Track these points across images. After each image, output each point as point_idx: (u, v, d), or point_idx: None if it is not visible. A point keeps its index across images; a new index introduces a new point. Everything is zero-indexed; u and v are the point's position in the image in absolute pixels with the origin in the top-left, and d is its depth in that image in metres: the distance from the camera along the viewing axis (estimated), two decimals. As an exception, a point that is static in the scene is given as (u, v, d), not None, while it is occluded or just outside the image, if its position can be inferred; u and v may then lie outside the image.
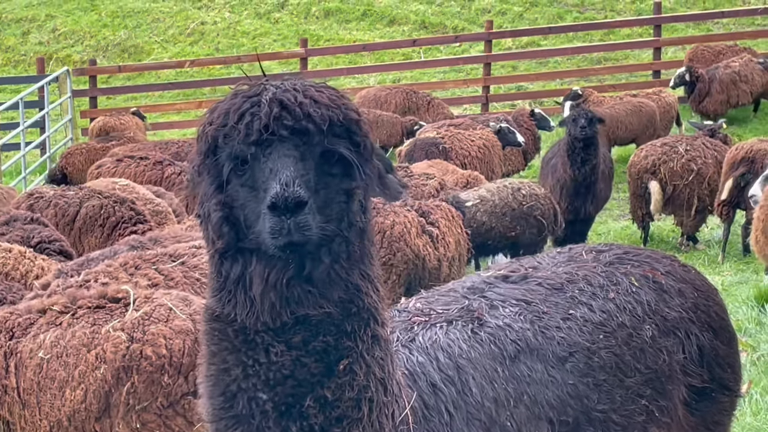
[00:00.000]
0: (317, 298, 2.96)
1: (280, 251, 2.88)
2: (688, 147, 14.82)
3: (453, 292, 3.88)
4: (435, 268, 11.52)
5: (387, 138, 21.47)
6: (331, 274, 2.97)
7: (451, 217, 11.98)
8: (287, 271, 2.92)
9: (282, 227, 2.82)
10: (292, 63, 28.18)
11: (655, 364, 3.88)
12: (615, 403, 3.73)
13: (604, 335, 3.81)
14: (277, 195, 2.80)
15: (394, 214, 11.48)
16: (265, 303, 2.94)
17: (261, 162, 2.91)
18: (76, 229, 12.54)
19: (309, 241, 2.86)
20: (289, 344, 2.99)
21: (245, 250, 2.98)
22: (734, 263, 12.91)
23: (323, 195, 2.93)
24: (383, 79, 27.52)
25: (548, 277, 3.99)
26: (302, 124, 2.92)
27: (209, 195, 3.05)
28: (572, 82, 26.73)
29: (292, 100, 2.94)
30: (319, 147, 2.94)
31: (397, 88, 24.03)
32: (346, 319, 3.03)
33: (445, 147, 16.96)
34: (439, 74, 28.67)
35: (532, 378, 3.58)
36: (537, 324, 3.71)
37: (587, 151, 14.47)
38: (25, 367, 6.16)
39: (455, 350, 3.49)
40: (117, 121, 21.85)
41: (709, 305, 4.19)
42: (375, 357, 3.08)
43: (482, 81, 26.22)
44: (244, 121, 2.95)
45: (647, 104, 19.69)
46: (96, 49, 31.56)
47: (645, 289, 4.04)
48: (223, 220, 2.99)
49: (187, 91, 28.54)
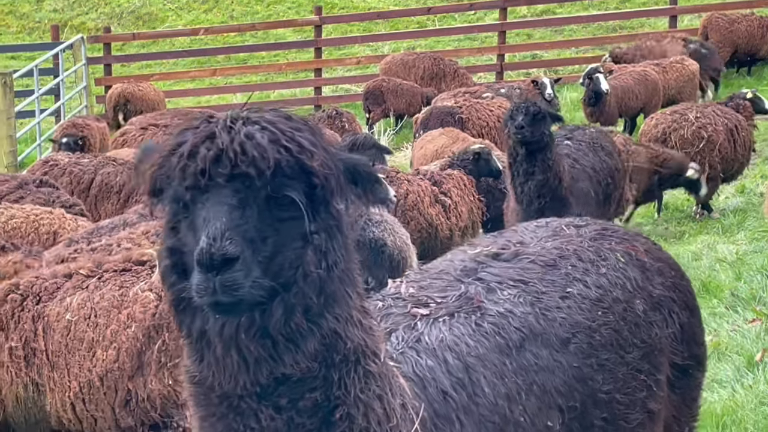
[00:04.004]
0: (288, 354, 2.72)
1: (211, 310, 2.66)
2: (698, 114, 14.76)
3: (445, 274, 3.71)
4: (447, 238, 11.57)
5: (406, 107, 21.50)
6: (292, 327, 2.71)
7: (463, 186, 12.00)
8: (239, 325, 2.67)
9: (207, 286, 2.58)
10: (306, 30, 28.12)
11: (649, 338, 3.84)
12: (618, 381, 3.67)
13: (603, 312, 3.73)
14: (202, 251, 2.55)
15: (407, 183, 11.51)
16: (230, 364, 2.71)
17: (198, 208, 2.67)
18: (92, 196, 12.60)
19: (241, 301, 2.61)
20: (276, 407, 2.78)
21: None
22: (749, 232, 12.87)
23: (272, 243, 2.66)
24: (397, 47, 27.43)
25: (540, 253, 3.86)
26: (242, 169, 2.64)
27: (161, 238, 2.83)
28: (587, 51, 26.64)
29: (231, 141, 2.66)
30: (263, 191, 2.66)
31: (424, 54, 24.10)
32: (330, 370, 2.81)
33: (461, 117, 16.95)
34: (454, 42, 28.57)
35: (539, 366, 3.47)
36: (537, 306, 3.61)
37: (531, 160, 9.91)
38: (53, 330, 6.28)
39: (462, 348, 3.35)
40: (135, 88, 21.85)
41: (684, 284, 4.16)
42: (371, 394, 2.88)
43: (497, 49, 26.12)
44: (180, 165, 2.68)
45: (651, 73, 19.63)
46: (110, 16, 31.55)
47: (630, 265, 3.97)
48: (171, 269, 2.76)
49: (201, 59, 28.52)
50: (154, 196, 2.80)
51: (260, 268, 2.63)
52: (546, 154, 9.90)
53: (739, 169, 14.91)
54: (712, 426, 7.09)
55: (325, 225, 2.76)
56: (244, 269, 2.59)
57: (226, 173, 2.64)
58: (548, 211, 9.64)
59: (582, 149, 10.75)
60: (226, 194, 2.64)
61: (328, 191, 2.75)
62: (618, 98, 18.96)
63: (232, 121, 2.72)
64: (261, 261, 2.64)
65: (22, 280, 6.66)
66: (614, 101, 18.86)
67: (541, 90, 19.34)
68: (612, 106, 18.85)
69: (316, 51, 26.01)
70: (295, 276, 2.70)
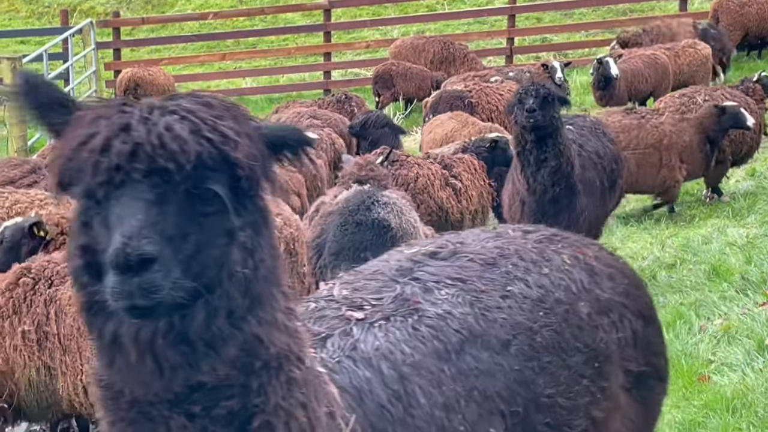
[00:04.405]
0: (206, 361, 2.53)
1: (127, 314, 2.45)
2: (707, 97, 14.71)
3: (380, 274, 3.54)
4: (457, 221, 11.58)
5: (416, 90, 21.50)
6: (213, 332, 2.52)
7: (474, 170, 12.00)
8: (157, 330, 2.47)
9: (123, 289, 2.37)
10: (315, 15, 28.06)
11: (593, 342, 3.66)
12: (560, 385, 3.52)
13: (544, 312, 3.57)
14: (116, 251, 2.34)
15: (417, 167, 11.52)
16: (143, 371, 2.51)
17: (112, 204, 2.45)
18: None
19: (159, 304, 2.41)
20: (189, 415, 2.58)
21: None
22: (759, 216, 12.84)
23: (194, 240, 2.47)
24: (407, 31, 27.37)
25: (479, 251, 3.70)
26: (160, 163, 2.44)
27: (72, 235, 2.60)
28: (597, 34, 26.56)
29: (149, 134, 2.46)
30: (183, 185, 2.47)
31: (434, 38, 24.06)
32: (250, 377, 2.62)
33: (471, 101, 16.93)
34: (463, 26, 28.49)
35: (480, 370, 3.32)
36: (477, 306, 3.45)
37: (542, 146, 9.47)
38: (65, 314, 6.31)
39: (398, 357, 3.18)
40: (145, 73, 21.87)
41: (639, 294, 4.01)
42: (294, 401, 2.70)
43: (506, 33, 26.07)
44: (92, 160, 2.46)
45: (661, 57, 19.58)
46: (119, 1, 31.55)
47: (577, 268, 3.80)
48: (83, 269, 2.53)
49: (211, 43, 28.51)
50: (62, 190, 2.57)
51: (181, 268, 2.44)
52: (557, 139, 9.44)
53: (749, 153, 14.86)
54: (722, 409, 7.10)
55: (251, 220, 2.59)
56: (163, 270, 2.39)
57: (143, 168, 2.44)
58: (562, 200, 9.59)
59: (585, 135, 10.42)
60: (143, 189, 2.43)
61: (254, 182, 2.58)
62: (627, 82, 18.94)
63: (149, 111, 2.51)
64: (182, 260, 2.44)
65: (33, 263, 6.70)
66: (624, 85, 18.84)
67: (551, 74, 19.29)
68: (621, 90, 18.83)
69: (326, 35, 25.99)
70: (220, 276, 2.51)
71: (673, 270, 10.77)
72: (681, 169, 13.49)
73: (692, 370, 7.96)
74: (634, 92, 19.28)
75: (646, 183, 13.60)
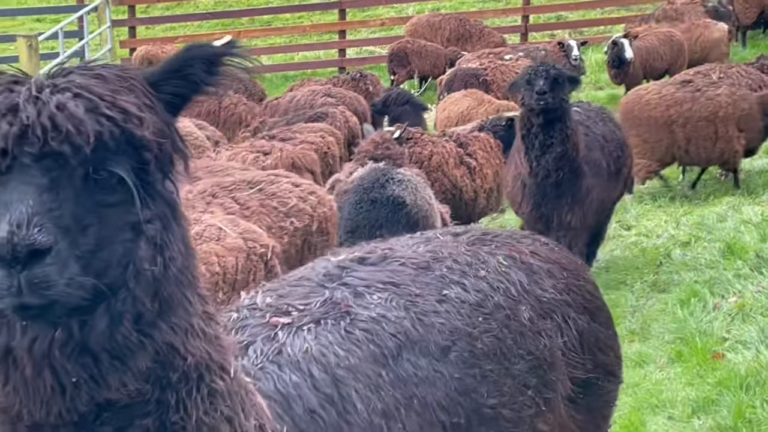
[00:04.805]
0: (113, 375, 2.25)
1: (15, 315, 2.16)
2: (721, 75, 14.65)
3: (306, 280, 3.33)
4: (471, 200, 11.60)
5: (431, 68, 21.49)
6: (119, 341, 2.24)
7: (489, 148, 11.99)
8: (54, 340, 2.19)
9: (10, 284, 2.07)
10: (330, -8, 28.02)
11: (536, 350, 3.49)
12: (504, 395, 3.33)
13: (484, 318, 3.39)
14: (2, 241, 2.05)
15: (432, 144, 11.52)
16: (42, 388, 2.22)
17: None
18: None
19: (53, 303, 2.12)
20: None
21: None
22: (774, 195, 12.84)
23: (95, 233, 2.18)
24: (422, 9, 27.30)
25: (410, 256, 3.50)
26: (53, 146, 2.16)
27: None
28: (612, 11, 26.45)
29: (39, 115, 2.18)
30: (81, 170, 2.19)
31: (450, 15, 24.06)
32: (166, 391, 2.35)
33: (486, 79, 16.90)
34: (478, 4, 28.43)
35: (419, 377, 3.11)
36: (412, 310, 3.25)
37: (548, 131, 9.23)
38: None
39: (331, 359, 2.96)
40: (160, 50, 21.90)
41: (580, 285, 3.82)
42: (218, 416, 2.44)
43: (521, 11, 25.99)
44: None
45: (676, 34, 19.52)
46: (134, -22, 31.51)
47: (514, 269, 3.62)
48: None
49: (226, 21, 28.50)
50: None
51: (79, 264, 2.15)
52: (565, 123, 9.23)
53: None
54: (736, 387, 7.13)
55: (160, 212, 2.32)
56: (57, 263, 2.10)
57: (33, 153, 2.16)
58: (565, 183, 9.46)
59: (592, 117, 10.28)
60: (34, 174, 2.15)
61: (165, 164, 2.33)
62: (642, 59, 18.88)
63: (38, 89, 2.23)
64: (80, 256, 2.15)
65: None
66: (639, 62, 18.78)
67: (567, 52, 19.20)
68: (636, 68, 18.78)
69: (341, 13, 25.93)
70: (125, 275, 2.23)
71: (688, 248, 10.78)
72: (740, 138, 13.29)
73: (706, 347, 7.98)
74: (650, 70, 19.21)
75: (700, 156, 13.36)
